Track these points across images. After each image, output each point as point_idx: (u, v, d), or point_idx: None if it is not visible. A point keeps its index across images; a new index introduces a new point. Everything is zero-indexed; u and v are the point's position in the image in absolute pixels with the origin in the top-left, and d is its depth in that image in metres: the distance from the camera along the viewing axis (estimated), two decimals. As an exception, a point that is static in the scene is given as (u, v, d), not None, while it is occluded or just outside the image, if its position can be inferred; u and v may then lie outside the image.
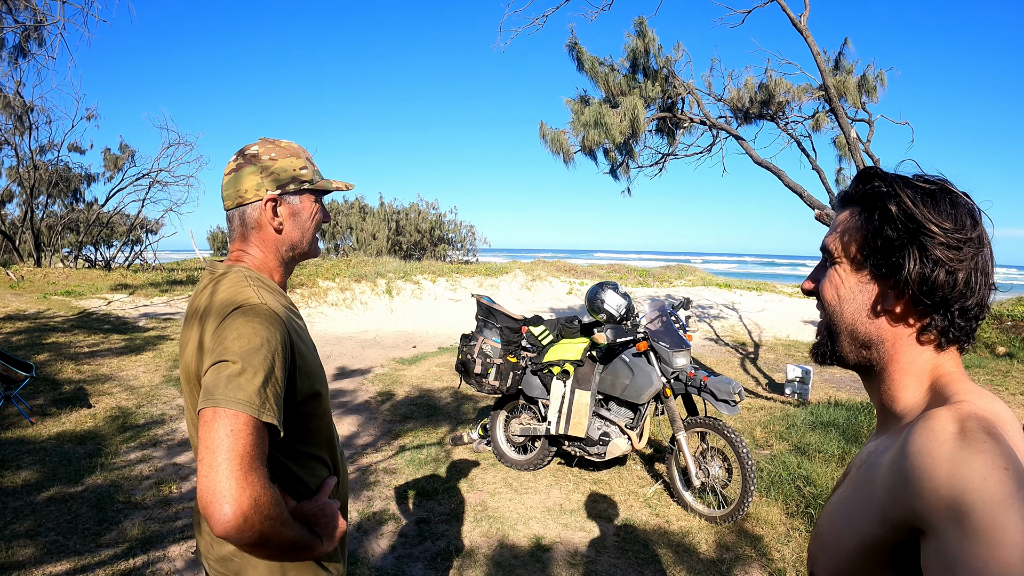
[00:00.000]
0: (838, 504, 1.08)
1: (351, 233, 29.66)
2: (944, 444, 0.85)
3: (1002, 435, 0.85)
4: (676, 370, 5.08)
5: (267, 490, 1.27)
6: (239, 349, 1.36)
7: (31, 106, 19.38)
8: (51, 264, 21.31)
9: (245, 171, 1.65)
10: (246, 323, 1.41)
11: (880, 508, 0.93)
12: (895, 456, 0.93)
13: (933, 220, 0.98)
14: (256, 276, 1.61)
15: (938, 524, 0.81)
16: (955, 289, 0.98)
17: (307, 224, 1.74)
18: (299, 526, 1.42)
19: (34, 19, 7.74)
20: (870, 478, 1.00)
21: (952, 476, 0.82)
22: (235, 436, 1.26)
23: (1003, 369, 10.13)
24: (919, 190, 1.02)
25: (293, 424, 1.55)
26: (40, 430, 6.15)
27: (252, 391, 1.31)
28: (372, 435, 6.59)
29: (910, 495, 0.86)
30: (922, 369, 1.04)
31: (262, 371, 1.34)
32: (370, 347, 11.87)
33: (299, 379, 1.52)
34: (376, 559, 4.09)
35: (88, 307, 13.16)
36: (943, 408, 0.92)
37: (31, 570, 3.79)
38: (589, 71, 9.97)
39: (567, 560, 4.14)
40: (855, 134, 8.17)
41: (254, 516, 1.23)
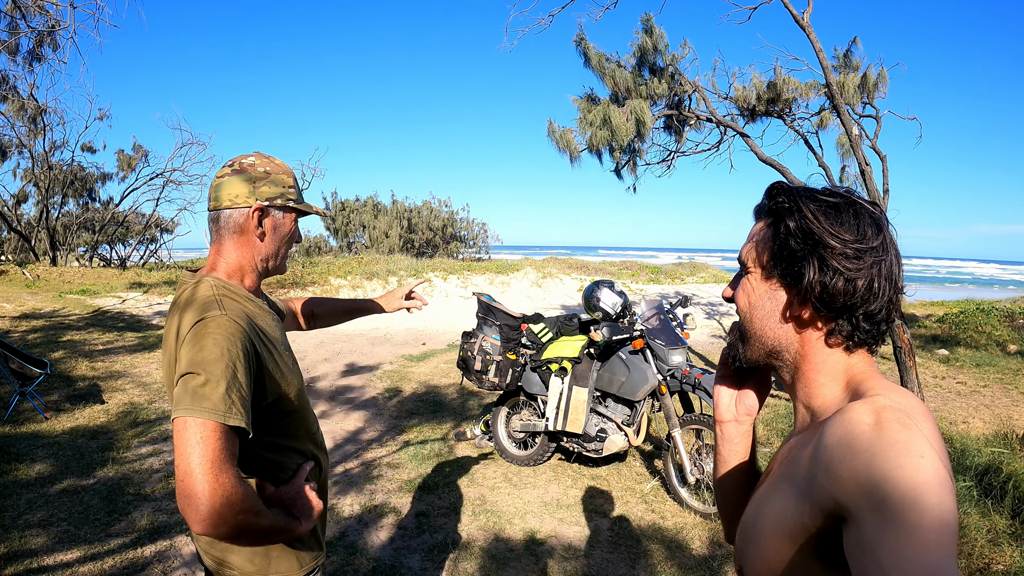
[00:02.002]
0: (762, 498, 1.12)
1: (363, 231, 29.76)
2: (861, 435, 0.89)
3: (916, 425, 0.89)
4: (672, 368, 5.14)
5: (238, 487, 1.40)
6: (202, 361, 1.47)
7: (44, 108, 19.61)
8: (67, 263, 21.55)
9: (239, 178, 1.75)
10: (207, 335, 1.52)
11: (803, 498, 0.97)
12: (815, 448, 0.97)
13: (831, 232, 1.05)
14: (223, 285, 1.71)
15: (858, 511, 0.85)
16: (855, 295, 1.03)
17: (283, 240, 1.84)
18: (275, 513, 1.56)
19: (47, 24, 7.89)
20: (792, 471, 1.04)
21: (870, 464, 0.85)
22: (204, 442, 1.38)
23: (1014, 367, 10.10)
24: (822, 203, 1.08)
25: (268, 421, 1.68)
26: (54, 425, 6.30)
27: (216, 399, 1.43)
28: (378, 430, 6.70)
29: (830, 484, 0.90)
30: (835, 369, 1.09)
31: (224, 379, 1.46)
32: (380, 344, 11.98)
33: (267, 382, 1.65)
34: (375, 550, 4.20)
35: (103, 306, 13.35)
36: (859, 402, 0.96)
37: (43, 558, 3.93)
38: (596, 67, 10.03)
39: (561, 554, 4.22)
40: (857, 131, 8.20)
41: (227, 512, 1.36)
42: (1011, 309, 13.50)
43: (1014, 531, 4.28)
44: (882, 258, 1.05)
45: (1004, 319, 12.95)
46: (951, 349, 11.37)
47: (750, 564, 1.12)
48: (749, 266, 1.18)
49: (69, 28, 6.72)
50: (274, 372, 1.68)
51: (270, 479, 1.72)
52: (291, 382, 1.75)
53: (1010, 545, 4.11)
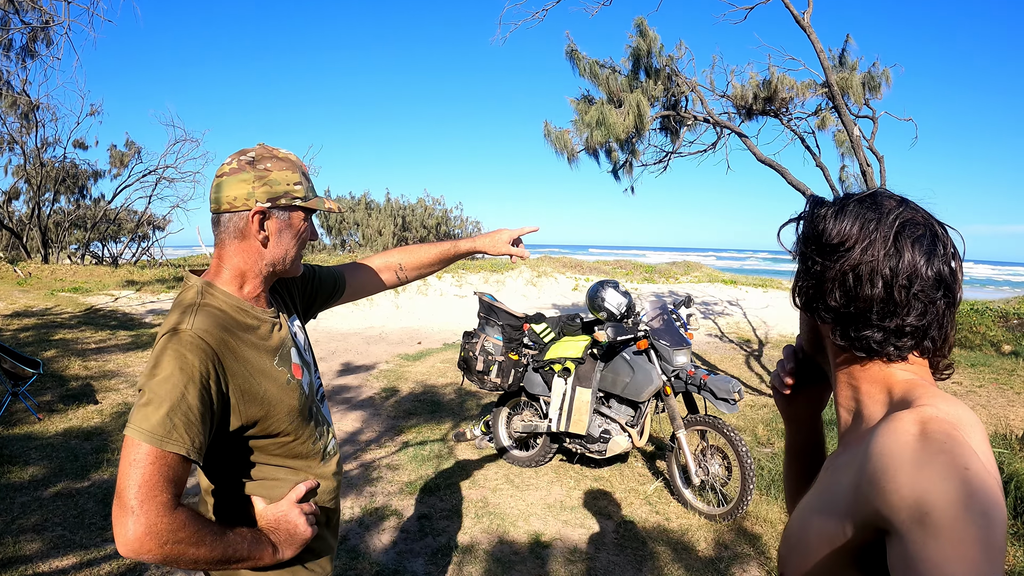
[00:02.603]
0: (806, 507, 1.10)
1: (357, 229, 29.70)
2: (907, 446, 0.87)
3: (963, 437, 0.87)
4: (676, 368, 5.10)
5: (165, 517, 1.32)
6: (150, 378, 1.40)
7: (37, 104, 19.47)
8: (58, 261, 21.41)
9: (238, 177, 1.61)
10: (160, 350, 1.44)
11: (846, 510, 0.95)
12: (859, 459, 0.95)
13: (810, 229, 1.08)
14: (212, 292, 1.61)
15: (902, 524, 0.83)
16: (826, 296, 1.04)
17: (292, 242, 1.70)
18: (229, 541, 1.46)
19: (41, 20, 7.80)
20: (836, 480, 1.02)
21: (914, 477, 0.83)
22: (136, 465, 1.32)
23: (1008, 367, 10.11)
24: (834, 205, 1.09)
25: (252, 442, 1.61)
26: (47, 426, 6.22)
27: (155, 421, 1.35)
28: (376, 431, 6.64)
29: (874, 496, 0.88)
30: (871, 377, 1.06)
31: (168, 401, 1.37)
32: (375, 343, 11.92)
33: (240, 404, 1.54)
34: (377, 554, 4.14)
35: (95, 304, 13.25)
36: (906, 412, 0.94)
37: (38, 564, 3.85)
38: (588, 76, 9.98)
39: (566, 557, 4.18)
40: (858, 131, 8.17)
41: (149, 542, 1.30)
42: (1005, 309, 13.53)
43: (1016, 531, 4.28)
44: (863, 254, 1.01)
45: (998, 319, 12.97)
46: (947, 349, 11.35)
47: (792, 572, 1.10)
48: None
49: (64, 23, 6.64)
50: (250, 393, 1.56)
51: (265, 494, 1.63)
52: (279, 401, 1.62)
53: (1012, 545, 4.11)
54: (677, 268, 23.62)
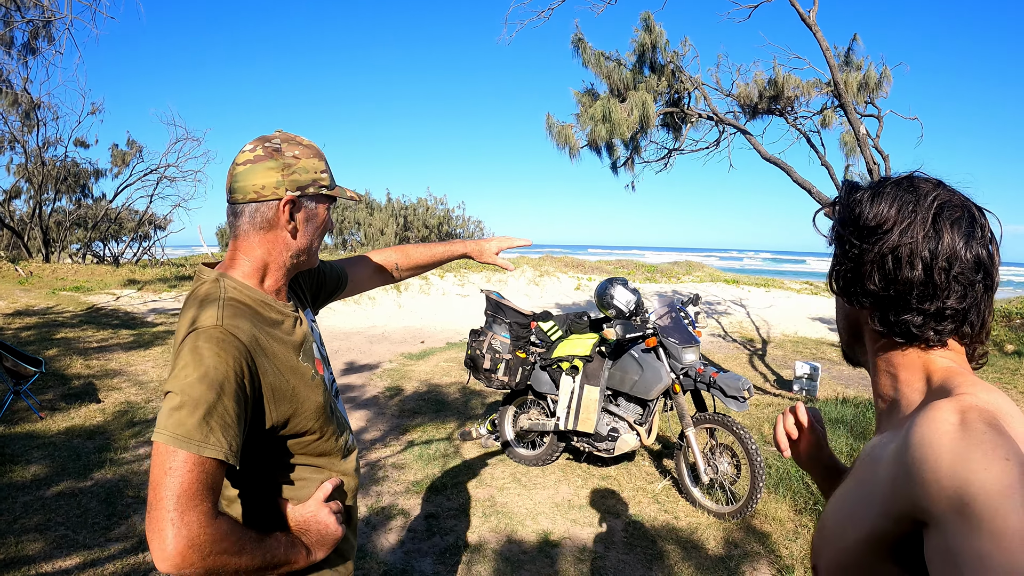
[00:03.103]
0: (842, 498, 1.09)
1: (359, 228, 29.72)
2: (946, 435, 0.85)
3: (1003, 427, 0.86)
4: (685, 366, 5.07)
5: (207, 527, 1.25)
6: (181, 379, 1.31)
7: (38, 102, 19.45)
8: (60, 260, 21.37)
9: (264, 165, 1.53)
10: (192, 350, 1.35)
11: (883, 501, 0.94)
12: (897, 449, 0.93)
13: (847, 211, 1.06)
14: (236, 286, 1.54)
15: (941, 515, 0.82)
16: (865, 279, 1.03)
17: (317, 232, 1.64)
18: (268, 546, 1.40)
19: (43, 16, 7.76)
20: (873, 471, 1.00)
21: (954, 467, 0.82)
22: (172, 474, 1.24)
23: (1011, 367, 10.09)
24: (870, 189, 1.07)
25: (282, 441, 1.53)
26: (49, 425, 6.18)
27: (191, 426, 1.27)
28: (381, 430, 6.60)
29: (912, 487, 0.86)
30: (909, 364, 1.05)
31: (204, 403, 1.29)
32: (378, 343, 11.89)
33: (271, 402, 1.47)
34: (385, 553, 4.10)
35: (97, 303, 13.22)
36: (945, 400, 0.92)
37: (41, 564, 3.81)
38: (594, 67, 9.94)
39: (575, 556, 4.14)
40: (864, 130, 8.13)
41: (192, 555, 1.22)
42: (1008, 309, 13.49)
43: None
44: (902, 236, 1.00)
45: (1001, 319, 12.95)
46: (951, 348, 11.34)
47: (826, 564, 1.09)
48: None
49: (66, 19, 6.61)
50: (280, 391, 1.50)
51: (290, 495, 1.57)
52: (307, 398, 1.55)
53: None
54: (679, 268, 23.62)
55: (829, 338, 13.51)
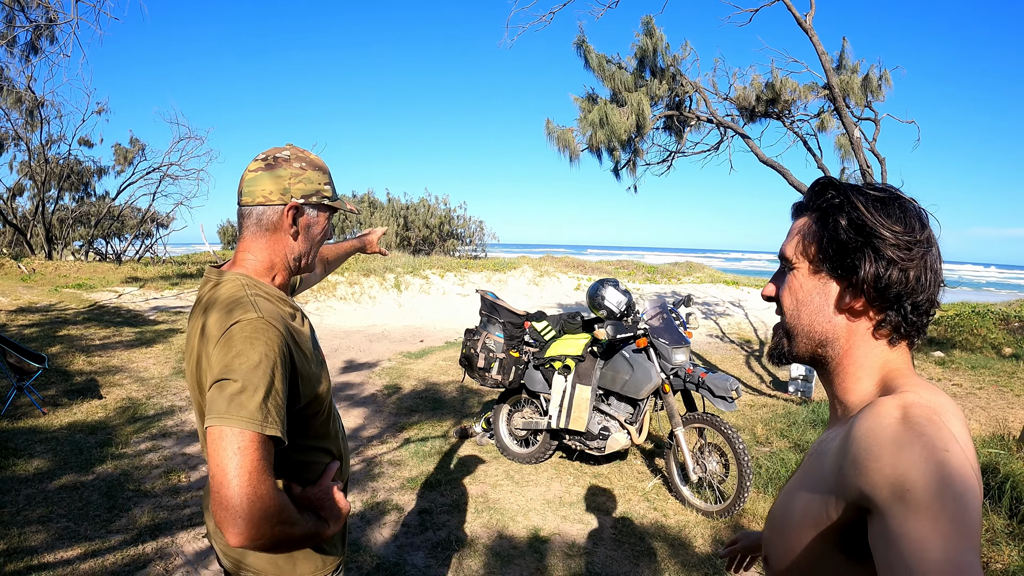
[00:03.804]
0: (790, 491, 1.15)
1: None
2: (888, 428, 0.92)
3: (942, 422, 0.92)
4: (675, 366, 5.14)
5: (275, 499, 1.37)
6: (239, 367, 1.42)
7: (42, 101, 19.53)
8: (62, 257, 21.47)
9: (274, 173, 1.68)
10: (244, 339, 1.45)
11: (829, 490, 1.00)
12: (843, 441, 0.99)
13: (884, 224, 1.05)
14: (254, 283, 1.65)
15: (883, 502, 0.87)
16: (907, 286, 1.05)
17: (316, 239, 1.78)
18: (307, 518, 1.52)
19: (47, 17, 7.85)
20: (820, 463, 1.07)
21: (896, 457, 0.88)
22: (242, 453, 1.34)
23: (1009, 370, 10.13)
24: (870, 197, 1.09)
25: (299, 424, 1.64)
26: (52, 420, 6.27)
27: (254, 408, 1.38)
28: (378, 427, 6.69)
29: (857, 475, 0.92)
30: (874, 364, 1.11)
31: (263, 387, 1.41)
32: (378, 341, 11.97)
33: (301, 385, 1.59)
34: (378, 547, 4.19)
35: (99, 300, 13.30)
36: (888, 397, 0.99)
37: (43, 555, 3.90)
38: (596, 69, 10.03)
39: (564, 552, 4.22)
40: (859, 133, 8.21)
41: (265, 526, 1.33)
42: (1006, 312, 13.54)
43: (1011, 531, 4.31)
44: (928, 250, 1.07)
45: (999, 322, 12.98)
46: (947, 351, 11.40)
47: (776, 555, 1.14)
48: (794, 262, 1.18)
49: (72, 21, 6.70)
50: (308, 375, 1.62)
51: (297, 479, 1.67)
52: (322, 382, 1.70)
53: (1008, 544, 4.14)
54: (679, 269, 23.66)
55: (826, 340, 13.52)
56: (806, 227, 1.17)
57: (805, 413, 7.03)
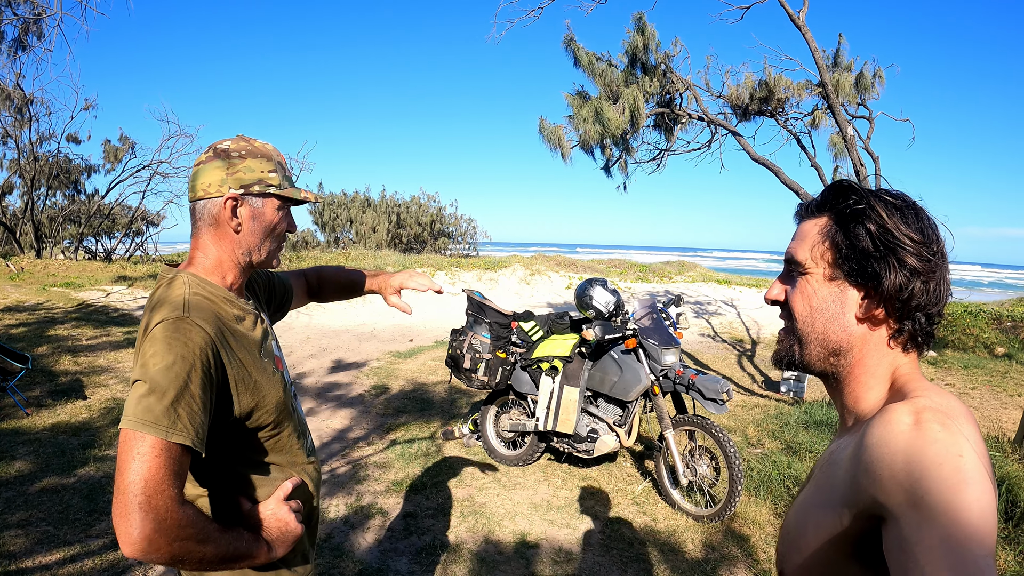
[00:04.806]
0: (803, 502, 1.13)
1: (351, 226, 29.67)
2: (901, 434, 0.90)
3: (955, 427, 0.90)
4: (665, 368, 5.09)
5: (174, 512, 1.28)
6: (151, 367, 1.35)
7: (31, 98, 19.42)
8: (52, 256, 21.37)
9: (212, 165, 1.61)
10: (163, 339, 1.39)
11: (843, 500, 0.98)
12: (855, 449, 0.98)
13: (906, 233, 1.04)
14: (199, 282, 1.58)
15: (897, 509, 0.86)
16: (927, 295, 1.04)
17: (266, 230, 1.68)
18: (231, 538, 1.43)
19: (33, 12, 7.76)
20: (832, 473, 1.04)
21: (909, 463, 0.87)
22: (141, 458, 1.27)
23: (1002, 370, 10.14)
24: (890, 204, 1.06)
25: (243, 435, 1.57)
26: (35, 421, 6.19)
27: (159, 412, 1.31)
28: (365, 429, 6.63)
29: (870, 483, 0.91)
30: (885, 372, 1.09)
31: (172, 390, 1.33)
32: (367, 340, 11.91)
33: (236, 394, 1.51)
34: (361, 552, 4.12)
35: (87, 299, 13.21)
36: (900, 403, 0.97)
37: (22, 560, 3.83)
38: (586, 67, 9.96)
39: (552, 557, 4.16)
40: (852, 131, 8.18)
41: (159, 539, 1.25)
42: (999, 312, 13.55)
43: (1007, 534, 4.27)
44: (944, 260, 1.07)
45: (992, 322, 12.99)
46: (939, 351, 11.41)
47: (791, 568, 1.13)
48: (807, 266, 1.14)
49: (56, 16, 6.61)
50: (244, 383, 1.54)
51: (247, 494, 1.59)
52: (268, 392, 1.61)
53: (1003, 548, 4.11)
54: (671, 267, 23.66)
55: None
56: (823, 231, 1.12)
57: (797, 414, 6.99)
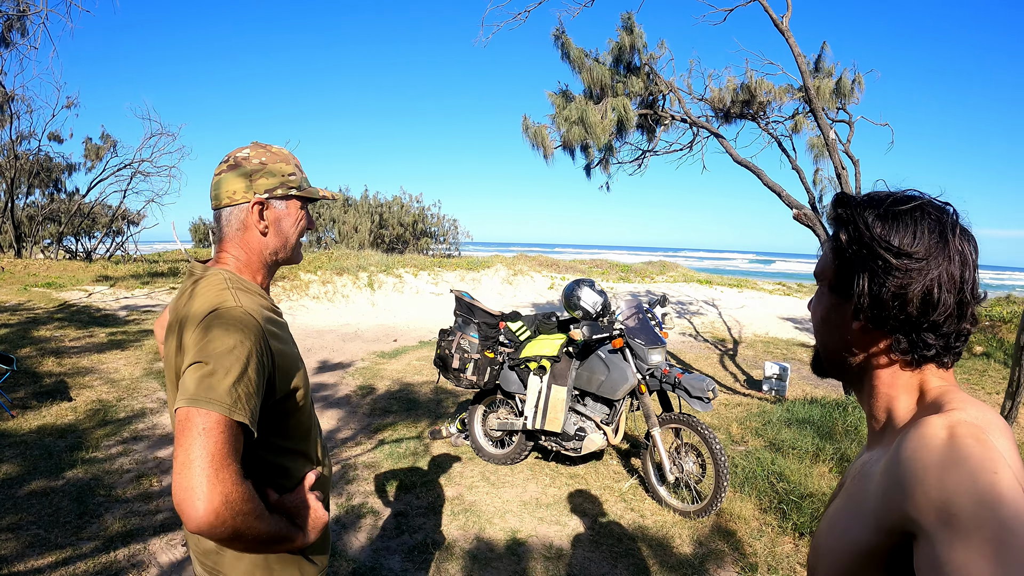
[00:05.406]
0: (834, 514, 1.11)
1: (333, 226, 29.59)
2: (934, 450, 0.88)
3: (991, 441, 0.88)
4: (651, 367, 5.15)
5: (238, 486, 1.33)
6: (212, 350, 1.41)
7: (12, 95, 19.20)
8: (32, 255, 21.13)
9: (235, 173, 1.69)
10: (220, 326, 1.45)
11: (874, 515, 0.96)
12: (887, 463, 0.96)
13: (880, 239, 1.02)
14: (236, 279, 1.64)
15: (929, 527, 0.84)
16: (909, 307, 1.00)
17: (291, 230, 1.77)
18: (276, 519, 1.49)
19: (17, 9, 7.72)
20: (864, 487, 1.02)
21: (942, 480, 0.84)
22: (207, 434, 1.32)
23: (980, 368, 10.28)
24: (880, 211, 1.05)
25: (274, 420, 1.61)
26: (20, 423, 6.16)
27: (223, 391, 1.36)
28: (352, 429, 6.64)
29: (902, 500, 0.89)
30: (907, 383, 1.07)
31: (234, 371, 1.39)
32: (351, 341, 11.91)
33: (277, 379, 1.57)
34: (354, 552, 4.15)
35: (69, 299, 13.11)
36: (934, 416, 0.94)
37: (14, 564, 3.82)
38: (575, 61, 9.99)
39: (542, 553, 4.21)
40: (834, 135, 8.27)
41: (225, 512, 1.30)
42: (978, 311, 13.70)
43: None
44: (940, 265, 1.00)
45: (970, 320, 13.13)
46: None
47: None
48: (819, 279, 1.17)
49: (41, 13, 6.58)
50: (283, 372, 1.60)
51: (274, 485, 1.63)
52: (299, 380, 1.68)
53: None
54: (653, 268, 23.75)
55: (799, 338, 13.68)
56: (830, 244, 1.14)
57: (780, 412, 7.07)
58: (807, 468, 5.32)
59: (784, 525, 4.54)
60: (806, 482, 4.99)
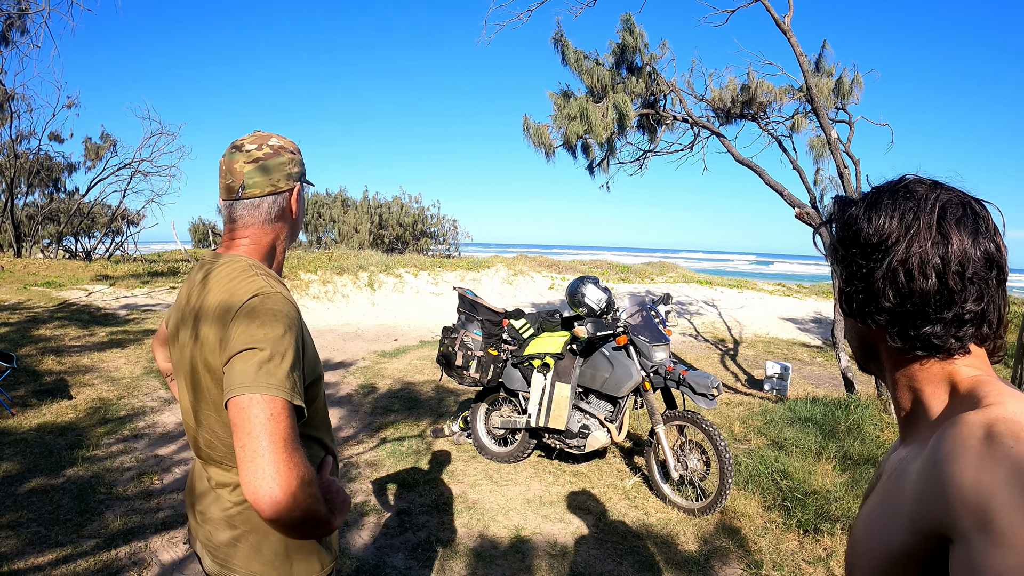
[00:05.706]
0: (870, 514, 1.07)
1: (333, 226, 29.56)
2: (971, 450, 0.83)
3: None
4: (655, 364, 5.13)
5: (309, 468, 1.34)
6: (265, 336, 1.40)
7: (12, 94, 19.17)
8: (31, 255, 21.11)
9: (277, 160, 1.69)
10: (267, 311, 1.45)
11: (908, 517, 0.92)
12: (923, 464, 0.91)
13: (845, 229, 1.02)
14: (259, 265, 1.64)
15: (965, 531, 0.80)
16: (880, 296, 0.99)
17: (303, 213, 1.82)
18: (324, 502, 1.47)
19: (18, 7, 7.69)
20: (899, 486, 0.98)
21: (978, 482, 0.80)
22: (275, 420, 1.31)
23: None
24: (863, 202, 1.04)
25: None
26: (21, 421, 6.13)
27: (282, 376, 1.36)
28: (354, 428, 6.62)
29: (937, 503, 0.85)
30: (932, 374, 1.02)
31: (289, 356, 1.40)
32: (351, 340, 11.89)
33: (306, 366, 1.56)
34: (358, 550, 4.13)
35: (69, 298, 13.08)
36: (971, 412, 0.89)
37: (14, 561, 3.80)
38: (574, 64, 9.98)
39: (547, 551, 4.19)
40: (835, 134, 8.25)
41: (300, 493, 1.29)
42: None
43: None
44: (911, 247, 0.96)
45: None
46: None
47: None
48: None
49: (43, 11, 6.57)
50: (312, 356, 1.62)
51: None
52: (320, 368, 1.69)
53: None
54: (653, 268, 23.73)
55: (800, 339, 13.67)
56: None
57: (782, 411, 7.05)
58: (810, 466, 5.30)
59: (788, 522, 4.52)
60: (810, 479, 4.98)
